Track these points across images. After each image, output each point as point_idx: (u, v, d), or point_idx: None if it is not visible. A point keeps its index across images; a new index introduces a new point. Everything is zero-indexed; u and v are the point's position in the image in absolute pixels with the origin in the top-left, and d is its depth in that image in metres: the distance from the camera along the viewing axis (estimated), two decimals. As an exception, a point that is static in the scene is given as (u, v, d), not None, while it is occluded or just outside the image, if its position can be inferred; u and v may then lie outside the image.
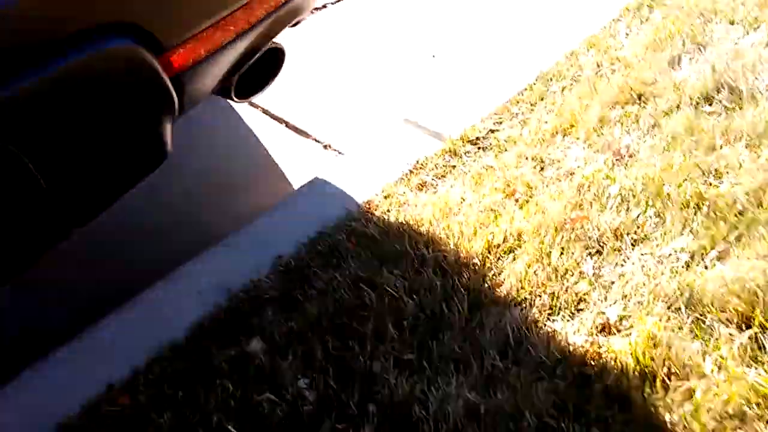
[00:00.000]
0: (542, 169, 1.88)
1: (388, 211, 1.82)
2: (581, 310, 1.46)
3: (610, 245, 1.58)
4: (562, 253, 1.56)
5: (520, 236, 1.64)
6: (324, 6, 3.02)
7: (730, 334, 1.29)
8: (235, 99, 1.59)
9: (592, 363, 1.33)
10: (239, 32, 1.29)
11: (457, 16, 2.94)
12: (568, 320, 1.44)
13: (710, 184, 1.65)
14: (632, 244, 1.58)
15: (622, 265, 1.53)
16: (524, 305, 1.47)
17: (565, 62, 2.35)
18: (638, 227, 1.61)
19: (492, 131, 2.07)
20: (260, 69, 1.56)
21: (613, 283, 1.49)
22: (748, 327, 1.29)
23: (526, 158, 1.91)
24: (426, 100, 2.29)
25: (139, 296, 1.62)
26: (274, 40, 1.51)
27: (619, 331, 1.38)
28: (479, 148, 2.02)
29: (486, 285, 1.52)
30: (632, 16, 2.49)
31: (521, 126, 2.07)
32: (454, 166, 1.95)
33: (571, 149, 1.93)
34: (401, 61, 2.69)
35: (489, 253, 1.60)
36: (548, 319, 1.44)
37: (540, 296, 1.49)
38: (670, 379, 1.25)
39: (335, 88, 2.59)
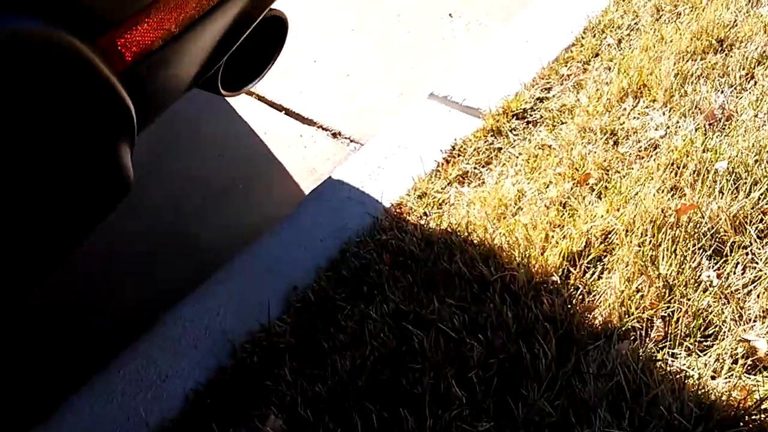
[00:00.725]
0: (616, 143, 1.48)
1: (426, 215, 1.42)
2: (711, 336, 1.07)
3: (732, 241, 1.19)
4: (671, 259, 1.17)
5: (607, 238, 1.25)
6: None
7: None
8: (223, 92, 1.18)
9: (747, 419, 0.95)
10: None
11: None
12: (696, 354, 1.05)
13: None
14: (759, 237, 1.19)
15: (753, 267, 1.14)
16: (633, 336, 1.09)
17: (614, 8, 1.93)
18: (763, 213, 1.22)
19: (541, 100, 1.66)
20: (254, 47, 1.14)
21: (747, 293, 1.11)
22: None
23: (592, 131, 1.51)
24: (451, 70, 1.87)
25: (116, 361, 1.24)
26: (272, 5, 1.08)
27: (775, 367, 0.99)
28: (528, 122, 1.61)
29: (575, 311, 1.14)
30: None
31: (576, 90, 1.66)
32: (499, 149, 1.55)
33: (649, 115, 1.53)
34: (413, 24, 2.26)
35: (571, 265, 1.21)
36: (670, 354, 1.06)
37: (652, 322, 1.10)
38: None
39: (339, 63, 2.17)
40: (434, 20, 2.26)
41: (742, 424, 0.94)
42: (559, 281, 1.19)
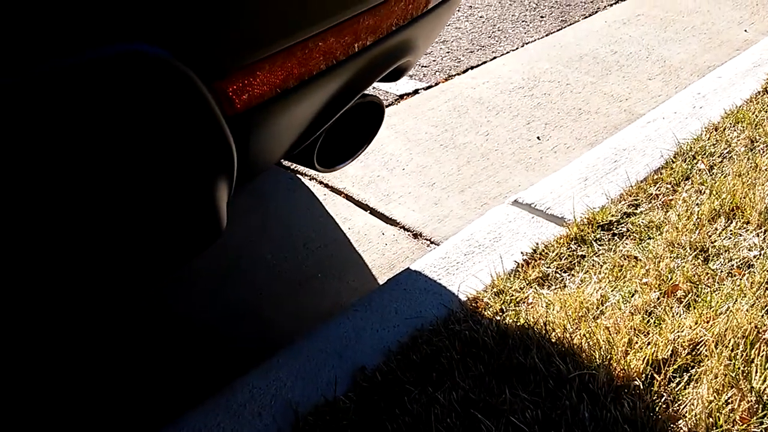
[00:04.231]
0: (706, 260, 1.47)
1: (502, 311, 1.45)
2: (815, 463, 1.00)
3: (838, 365, 1.13)
4: (765, 373, 1.12)
5: (695, 348, 1.22)
6: (416, 91, 2.85)
7: None
8: (318, 167, 1.30)
9: None
10: (338, 59, 0.99)
11: (561, 98, 2.68)
12: (798, 480, 0.98)
13: None
14: None
15: None
16: (723, 451, 1.03)
17: (707, 136, 2.00)
18: None
19: (627, 215, 1.70)
20: (352, 128, 1.29)
21: None
22: None
23: (681, 246, 1.52)
24: (537, 183, 1.97)
25: (180, 420, 1.29)
26: (366, 92, 1.23)
27: None
28: (614, 234, 1.64)
29: (658, 418, 1.09)
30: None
31: (665, 209, 1.70)
32: (582, 257, 1.58)
33: (742, 236, 1.53)
34: (501, 144, 2.42)
35: (655, 372, 1.18)
36: (766, 475, 0.99)
37: (745, 438, 1.04)
38: None
39: (426, 173, 2.32)
40: (522, 142, 2.41)
41: None
42: (641, 386, 1.16)
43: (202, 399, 1.37)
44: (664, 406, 1.13)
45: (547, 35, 3.25)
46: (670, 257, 1.49)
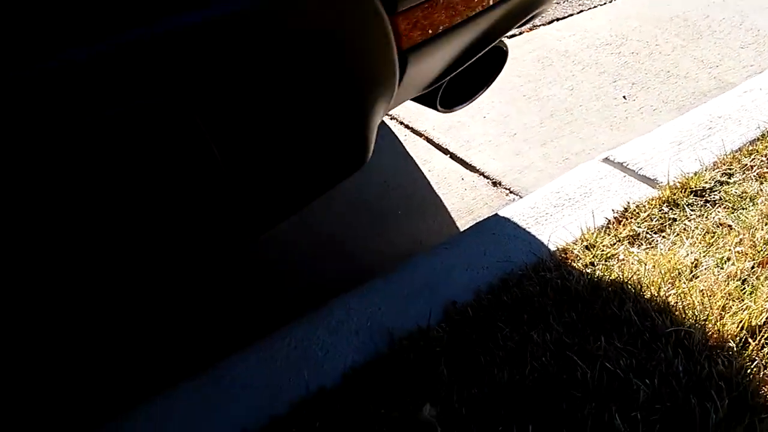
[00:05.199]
0: (803, 236, 1.48)
1: (592, 264, 1.49)
2: None
3: None
4: None
5: (791, 319, 1.25)
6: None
7: None
8: (439, 108, 1.34)
9: None
10: (486, 6, 1.03)
11: (648, 59, 2.63)
12: None
13: None
14: None
15: None
16: (816, 417, 1.08)
17: (807, 113, 1.96)
18: None
19: (720, 183, 1.71)
20: (475, 71, 1.31)
21: None
22: None
23: (777, 220, 1.53)
24: (628, 143, 1.97)
25: (284, 330, 1.38)
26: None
27: None
28: (706, 201, 1.65)
29: (751, 379, 1.14)
30: None
31: (759, 181, 1.70)
32: (674, 220, 1.60)
33: (842, 215, 1.52)
34: (586, 99, 2.40)
35: (750, 336, 1.22)
36: None
37: (839, 407, 1.08)
38: None
39: (508, 123, 2.33)
40: (608, 100, 2.39)
41: None
42: (735, 349, 1.21)
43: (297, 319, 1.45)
44: (756, 369, 1.17)
45: (637, -8, 3.16)
46: (765, 229, 1.51)
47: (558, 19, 2.93)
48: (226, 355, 1.34)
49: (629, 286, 1.38)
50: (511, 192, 2.03)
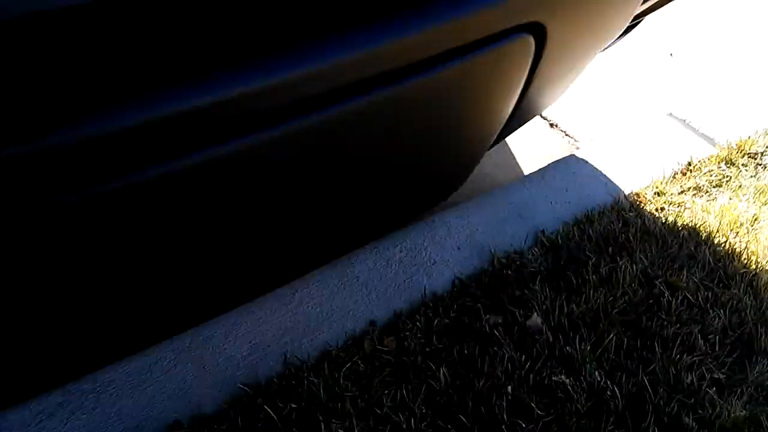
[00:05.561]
0: None
1: (663, 209, 1.66)
2: None
3: None
4: None
5: (839, 272, 1.46)
6: None
7: None
8: None
9: None
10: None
11: (698, 17, 2.75)
12: None
13: None
14: None
15: None
16: None
17: None
18: None
19: (772, 150, 1.89)
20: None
21: None
22: None
23: (823, 188, 1.72)
24: (689, 99, 2.12)
25: (391, 237, 1.52)
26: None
27: None
28: (758, 164, 1.84)
29: (807, 318, 1.35)
30: None
31: (805, 152, 1.88)
32: (729, 177, 1.78)
33: None
34: (641, 59, 2.52)
35: (807, 282, 1.43)
36: None
37: None
38: None
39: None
40: (658, 58, 2.52)
41: None
42: (793, 292, 1.42)
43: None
44: (810, 310, 1.39)
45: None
46: (813, 195, 1.70)
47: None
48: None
49: (700, 231, 1.56)
50: (576, 140, 2.17)
